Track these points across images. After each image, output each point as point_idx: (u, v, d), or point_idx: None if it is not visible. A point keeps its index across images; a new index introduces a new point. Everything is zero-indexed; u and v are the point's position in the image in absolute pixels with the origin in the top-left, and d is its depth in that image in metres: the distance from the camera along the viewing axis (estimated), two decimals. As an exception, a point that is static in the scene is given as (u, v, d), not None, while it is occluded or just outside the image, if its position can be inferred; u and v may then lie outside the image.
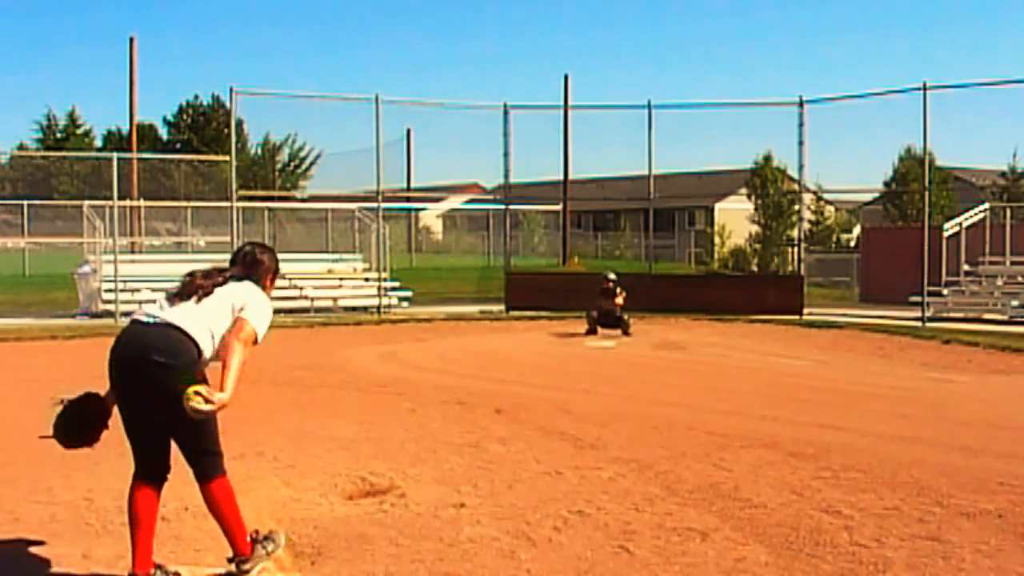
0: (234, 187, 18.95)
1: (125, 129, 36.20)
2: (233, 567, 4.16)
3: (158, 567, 4.09)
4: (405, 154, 28.43)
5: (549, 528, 4.93)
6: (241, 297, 4.16)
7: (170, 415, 3.90)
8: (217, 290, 4.15)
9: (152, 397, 3.93)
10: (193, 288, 4.13)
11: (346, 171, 24.41)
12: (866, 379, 10.99)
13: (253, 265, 4.40)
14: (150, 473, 4.11)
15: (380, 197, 20.10)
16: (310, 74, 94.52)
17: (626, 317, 15.79)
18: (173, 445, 4.11)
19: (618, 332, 15.54)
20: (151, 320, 4.03)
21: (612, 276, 16.36)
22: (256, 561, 4.15)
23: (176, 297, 4.12)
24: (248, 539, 4.15)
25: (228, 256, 4.79)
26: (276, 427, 7.54)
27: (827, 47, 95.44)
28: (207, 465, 4.07)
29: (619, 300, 15.90)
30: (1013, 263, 20.18)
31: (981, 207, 21.96)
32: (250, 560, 4.14)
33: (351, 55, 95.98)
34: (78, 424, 4.23)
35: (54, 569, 4.25)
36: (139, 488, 4.09)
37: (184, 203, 31.18)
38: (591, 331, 15.64)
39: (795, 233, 25.93)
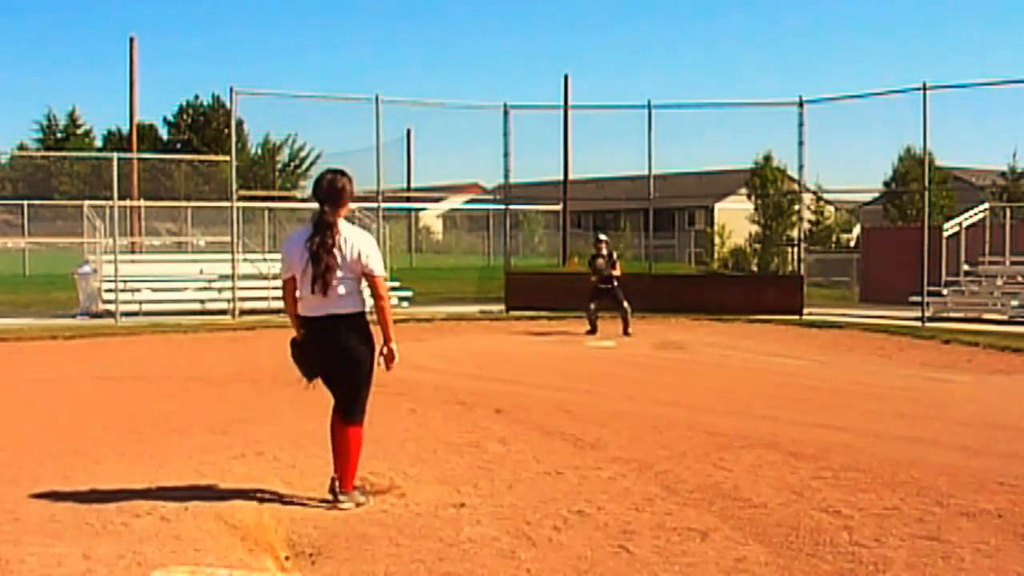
0: (234, 187, 18.94)
1: (125, 129, 36.21)
2: (329, 495, 5.30)
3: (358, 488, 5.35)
4: (405, 154, 28.47)
5: (549, 528, 4.93)
6: (358, 246, 5.20)
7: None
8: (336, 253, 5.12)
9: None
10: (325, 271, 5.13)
11: (346, 171, 24.38)
12: (866, 379, 10.99)
13: (338, 194, 5.23)
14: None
15: (380, 197, 20.10)
16: (310, 74, 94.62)
17: (622, 298, 15.77)
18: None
19: (619, 332, 15.53)
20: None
21: (603, 237, 16.57)
22: (351, 500, 5.26)
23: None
24: (354, 483, 5.32)
25: (228, 256, 5.13)
26: (276, 427, 7.54)
27: (827, 47, 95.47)
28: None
29: (616, 271, 15.94)
30: (1013, 263, 20.17)
31: (981, 207, 21.95)
32: (347, 498, 5.26)
33: (351, 55, 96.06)
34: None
35: (54, 569, 4.25)
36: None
37: (184, 203, 31.19)
38: (592, 330, 15.66)
39: (795, 233, 25.92)
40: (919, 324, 16.99)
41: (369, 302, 5.29)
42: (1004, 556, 4.48)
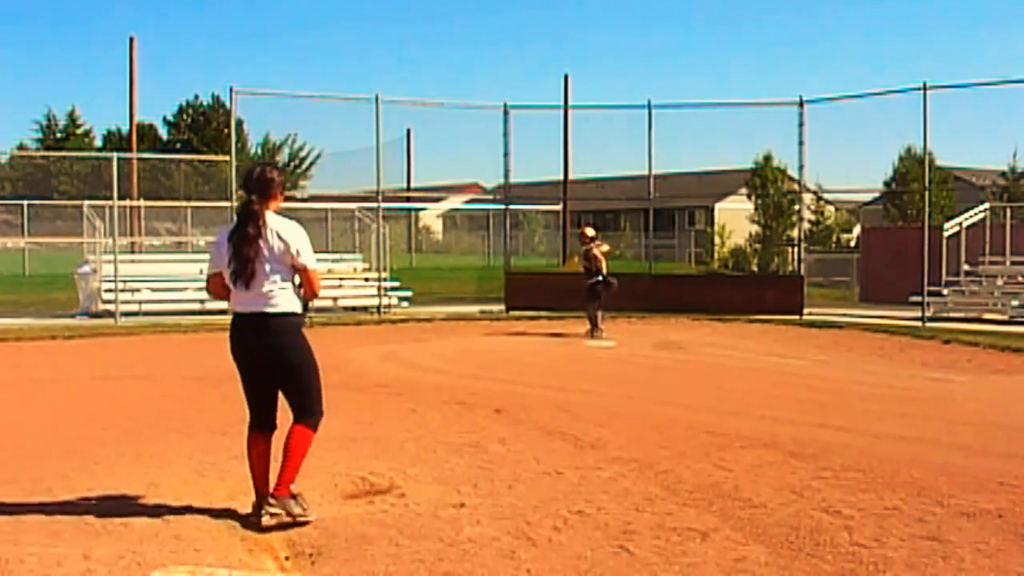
0: (234, 187, 18.92)
1: (125, 129, 36.19)
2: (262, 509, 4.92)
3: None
4: (405, 154, 28.43)
5: (549, 528, 4.93)
6: (287, 238, 4.95)
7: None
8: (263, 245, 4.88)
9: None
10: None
11: (346, 171, 24.36)
12: (866, 379, 10.99)
13: (267, 185, 5.02)
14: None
15: (380, 197, 20.09)
16: (310, 74, 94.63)
17: (608, 279, 15.50)
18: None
19: (613, 332, 15.51)
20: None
21: (590, 232, 16.17)
22: (280, 507, 4.88)
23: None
24: (289, 489, 4.94)
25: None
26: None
27: (827, 47, 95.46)
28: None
29: (602, 249, 15.64)
30: (1013, 263, 20.17)
31: (981, 207, 21.95)
32: (278, 503, 4.88)
33: (351, 55, 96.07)
34: None
35: (54, 569, 4.25)
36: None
37: (184, 203, 31.20)
38: (592, 328, 15.51)
39: (795, 233, 25.92)
40: (919, 324, 16.99)
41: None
42: (1004, 556, 4.48)
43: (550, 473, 6.10)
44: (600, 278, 15.53)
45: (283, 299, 4.93)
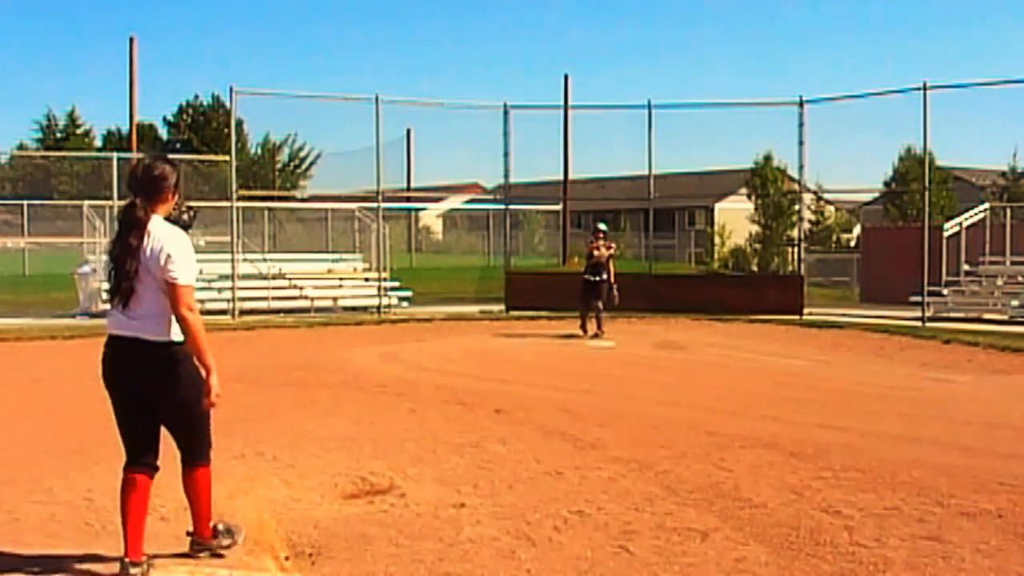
0: (234, 187, 18.94)
1: (125, 129, 36.18)
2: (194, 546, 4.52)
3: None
4: (405, 154, 28.46)
5: (549, 528, 4.93)
6: (165, 248, 4.12)
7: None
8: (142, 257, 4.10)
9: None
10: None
11: (346, 171, 24.46)
12: (866, 379, 10.99)
13: (155, 184, 4.20)
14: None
15: (380, 197, 20.11)
16: (310, 74, 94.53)
17: (614, 283, 15.62)
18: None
19: (614, 332, 15.51)
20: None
21: (602, 227, 16.36)
22: (214, 545, 4.49)
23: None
24: (211, 527, 4.50)
25: (228, 256, 4.92)
26: (276, 427, 7.54)
27: (827, 47, 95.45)
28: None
29: (607, 251, 15.78)
30: (1013, 263, 20.17)
31: (981, 207, 21.96)
32: (207, 546, 4.48)
33: (351, 55, 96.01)
34: None
35: (54, 569, 4.25)
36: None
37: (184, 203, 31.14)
38: (583, 328, 15.50)
39: (795, 233, 25.91)
40: (919, 324, 17.00)
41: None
42: (1004, 556, 4.48)
43: (550, 473, 6.10)
44: (603, 277, 15.60)
45: (166, 325, 4.16)
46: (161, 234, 4.12)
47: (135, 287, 4.08)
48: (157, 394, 4.24)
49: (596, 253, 15.82)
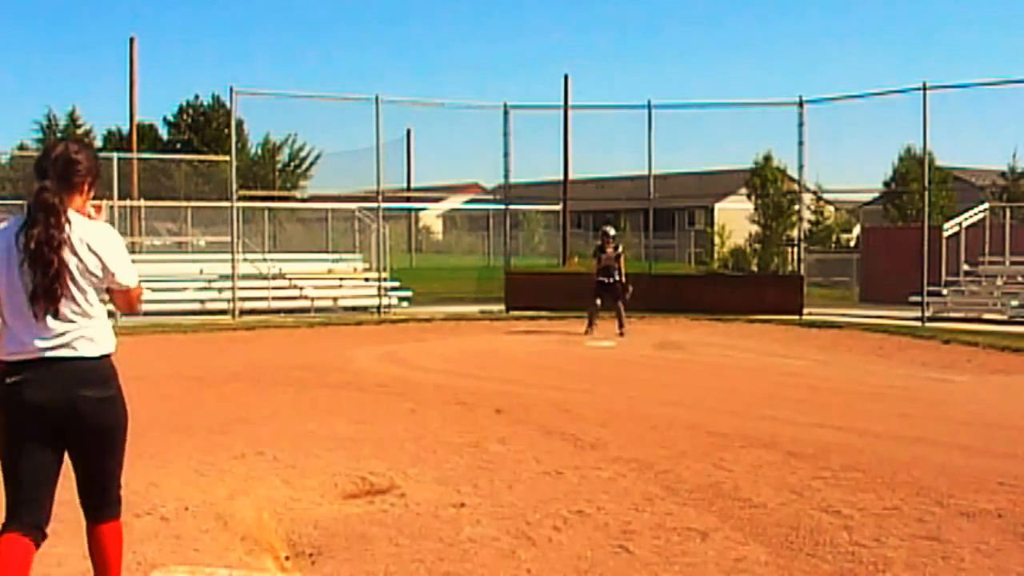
0: (234, 187, 18.95)
1: (125, 129, 36.17)
2: None
3: None
4: (405, 154, 28.46)
5: (549, 528, 4.93)
6: (102, 246, 3.39)
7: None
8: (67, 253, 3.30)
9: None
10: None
11: (346, 171, 24.42)
12: (866, 379, 10.99)
13: (73, 168, 3.41)
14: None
15: (380, 197, 20.12)
16: (310, 74, 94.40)
17: (626, 282, 15.92)
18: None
19: (616, 331, 15.53)
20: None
21: (611, 231, 16.53)
22: None
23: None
24: None
25: (228, 256, 4.82)
26: (276, 427, 7.54)
27: (827, 47, 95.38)
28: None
29: (615, 250, 16.05)
30: (1013, 263, 20.18)
31: (981, 207, 21.96)
32: None
33: (351, 55, 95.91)
34: None
35: (54, 569, 4.25)
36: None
37: (184, 203, 31.17)
38: (589, 329, 15.60)
39: (795, 233, 25.93)
40: (919, 324, 17.00)
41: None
42: (1004, 556, 4.48)
43: (550, 473, 6.10)
44: (616, 278, 15.77)
45: (99, 334, 3.40)
46: (88, 230, 3.37)
47: (62, 291, 3.27)
48: (84, 423, 3.34)
49: (606, 254, 15.97)
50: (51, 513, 3.49)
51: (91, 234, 3.36)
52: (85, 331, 3.34)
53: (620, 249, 16.36)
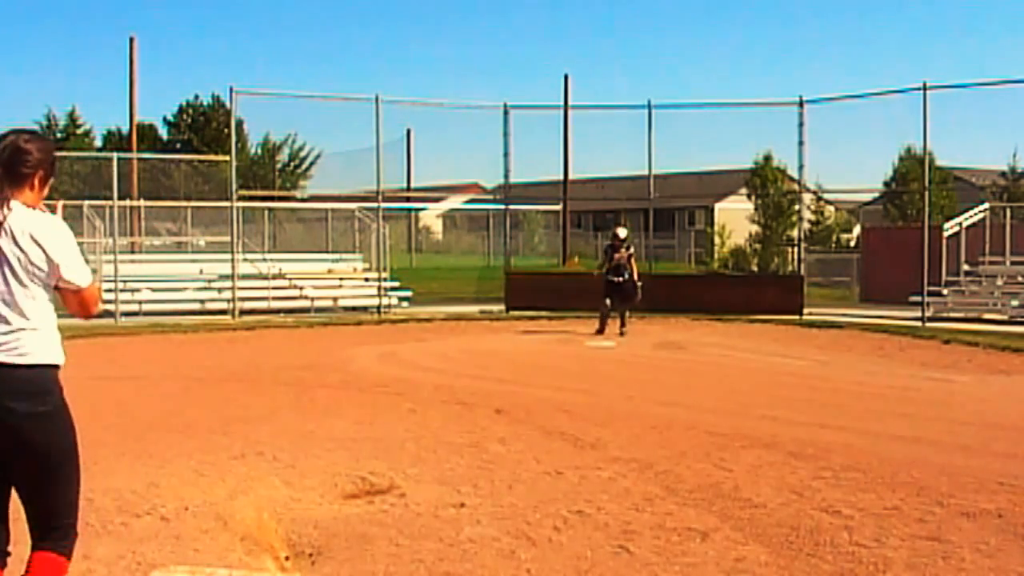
0: (234, 187, 18.95)
1: (125, 129, 36.19)
2: None
3: None
4: (405, 154, 28.43)
5: (549, 528, 4.93)
6: (50, 241, 3.07)
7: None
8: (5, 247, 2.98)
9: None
10: None
11: (346, 171, 24.44)
12: (866, 379, 10.99)
13: (20, 160, 3.06)
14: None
15: (380, 197, 20.13)
16: (310, 74, 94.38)
17: (636, 279, 15.98)
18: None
19: (618, 330, 15.54)
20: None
21: (623, 234, 16.51)
22: None
23: None
24: None
25: (228, 256, 4.79)
26: (276, 427, 7.54)
27: (827, 47, 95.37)
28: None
29: (627, 250, 16.12)
30: (1013, 263, 20.17)
31: (981, 207, 21.96)
32: None
33: (351, 55, 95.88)
34: None
35: None
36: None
37: (184, 203, 31.18)
38: (600, 330, 15.61)
39: (795, 233, 25.93)
40: (919, 324, 17.00)
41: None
42: (1004, 556, 4.48)
43: (550, 473, 6.10)
44: (626, 277, 15.83)
45: (39, 342, 3.07)
46: (36, 224, 3.04)
47: (8, 292, 2.98)
48: (26, 440, 3.00)
49: (617, 255, 16.00)
50: (9, 536, 3.22)
51: (35, 224, 3.02)
52: (22, 335, 2.99)
53: (631, 250, 16.38)
